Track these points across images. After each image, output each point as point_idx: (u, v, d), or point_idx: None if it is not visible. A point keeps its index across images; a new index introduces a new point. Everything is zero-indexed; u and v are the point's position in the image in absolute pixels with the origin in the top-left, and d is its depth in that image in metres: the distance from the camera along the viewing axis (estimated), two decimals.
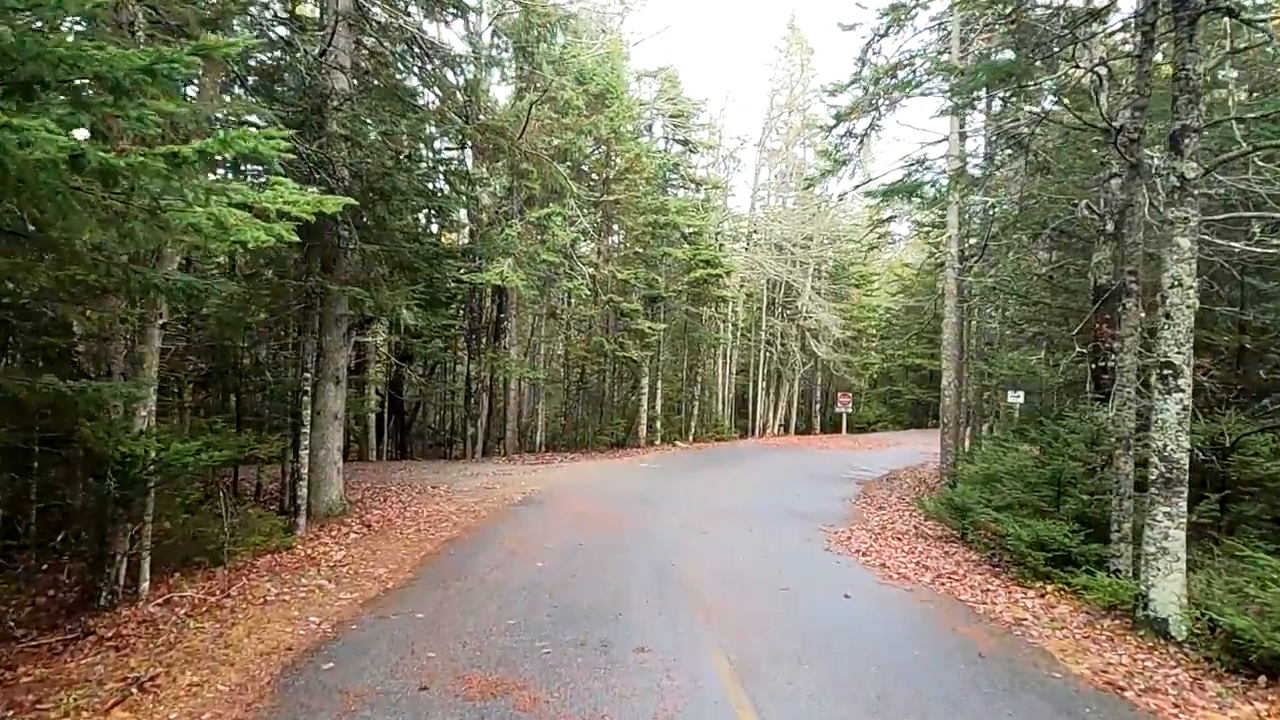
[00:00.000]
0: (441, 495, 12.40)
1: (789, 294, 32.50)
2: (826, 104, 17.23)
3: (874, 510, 12.71)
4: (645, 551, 8.37)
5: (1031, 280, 12.44)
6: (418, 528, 9.46)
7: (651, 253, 20.28)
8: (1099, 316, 10.00)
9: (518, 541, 8.59)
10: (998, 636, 5.93)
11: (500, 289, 20.46)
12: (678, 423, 27.39)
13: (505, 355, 19.61)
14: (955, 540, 10.21)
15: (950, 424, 14.04)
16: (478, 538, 8.84)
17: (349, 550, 8.10)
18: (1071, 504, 8.24)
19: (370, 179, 7.75)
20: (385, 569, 7.27)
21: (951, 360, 14.05)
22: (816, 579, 7.60)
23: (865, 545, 9.46)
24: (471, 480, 14.60)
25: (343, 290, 7.73)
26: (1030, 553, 7.74)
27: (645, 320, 20.10)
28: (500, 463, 18.75)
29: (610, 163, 19.54)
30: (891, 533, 10.56)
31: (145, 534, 6.47)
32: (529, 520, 10.08)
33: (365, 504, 11.33)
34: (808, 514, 11.67)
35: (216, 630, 5.21)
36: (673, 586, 6.90)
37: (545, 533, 9.21)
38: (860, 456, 22.22)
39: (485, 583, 6.76)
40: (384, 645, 5.05)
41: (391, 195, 7.75)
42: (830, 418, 36.76)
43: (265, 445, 8.08)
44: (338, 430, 10.37)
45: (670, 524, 10.13)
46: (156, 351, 6.44)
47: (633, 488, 13.74)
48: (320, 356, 10.24)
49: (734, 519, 10.83)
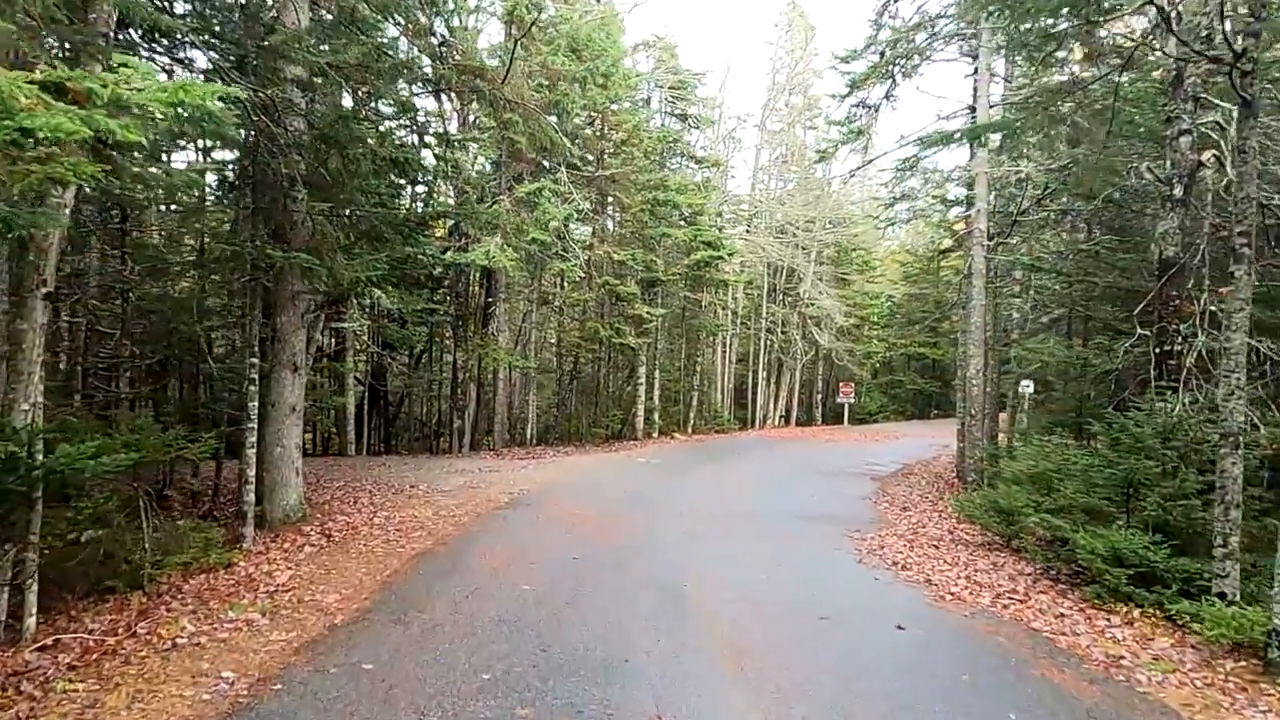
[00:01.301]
0: (420, 497, 11.12)
1: (790, 280, 31.23)
2: (839, 70, 15.88)
3: (898, 511, 11.51)
4: (650, 568, 7.12)
5: (1080, 257, 11.19)
6: (386, 538, 8.18)
7: (650, 233, 18.94)
8: (1164, 294, 8.77)
9: (500, 556, 7.32)
10: (1098, 684, 4.71)
11: (489, 272, 19.12)
12: (675, 414, 26.13)
13: (493, 343, 18.29)
14: (1000, 548, 9.01)
15: (978, 415, 12.84)
16: (454, 551, 7.56)
17: (299, 568, 6.81)
18: (1150, 510, 7.03)
19: (322, 124, 6.44)
20: (337, 595, 5.99)
21: (978, 346, 12.84)
22: (857, 602, 6.37)
23: (901, 556, 8.24)
24: (455, 478, 13.31)
25: (287, 257, 6.42)
26: (1107, 569, 6.54)
27: (643, 305, 18.79)
28: (488, 458, 17.46)
29: (605, 135, 18.16)
30: (926, 539, 9.35)
31: (30, 557, 5.17)
32: (515, 528, 8.81)
33: (331, 508, 10.03)
34: (827, 516, 10.46)
35: (90, 697, 3.92)
36: (688, 619, 5.66)
37: (533, 544, 7.95)
38: (869, 449, 21.03)
39: (457, 615, 5.49)
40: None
41: (348, 144, 6.45)
42: (831, 409, 35.59)
43: (199, 444, 6.76)
44: (296, 425, 9.06)
45: (676, 531, 8.88)
46: (40, 329, 5.11)
47: (631, 486, 12.49)
48: (274, 340, 8.91)
49: (747, 523, 9.60)
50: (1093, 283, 10.66)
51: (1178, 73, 8.57)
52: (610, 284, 17.57)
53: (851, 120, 15.95)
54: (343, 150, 6.40)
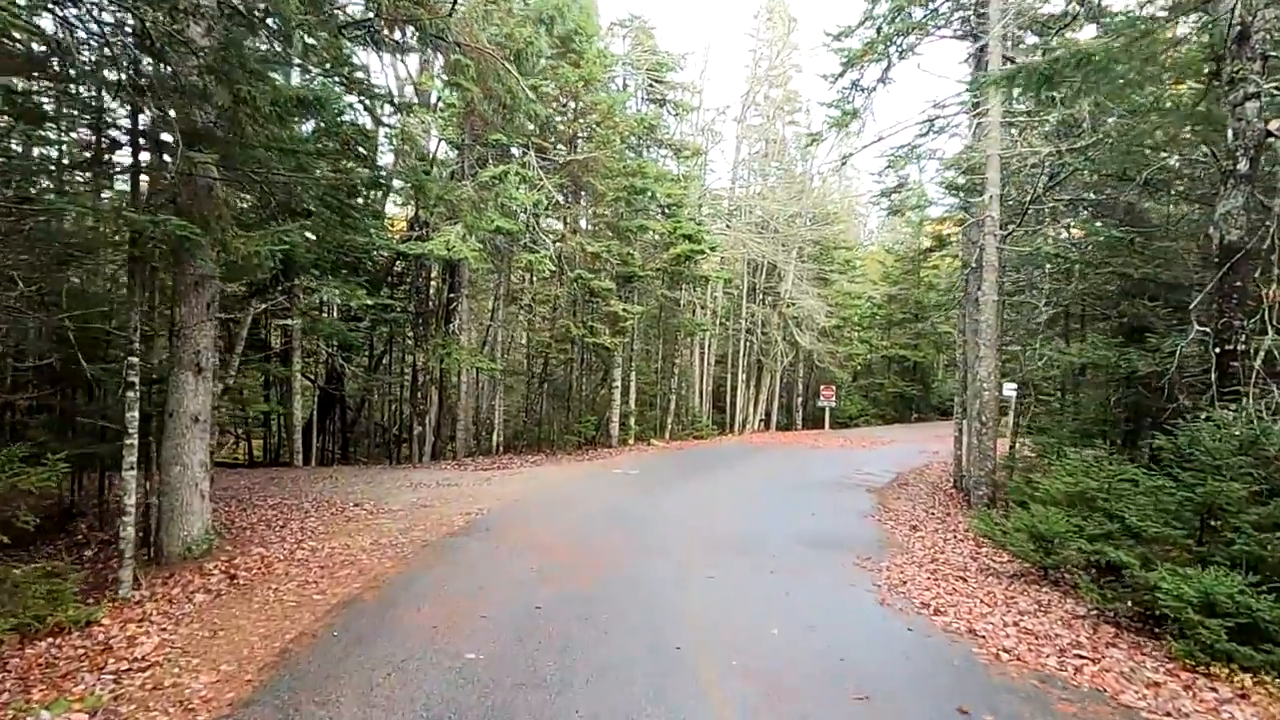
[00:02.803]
0: (360, 519, 9.56)
1: (771, 278, 30.04)
2: (832, 49, 14.64)
3: (906, 530, 10.23)
4: (632, 620, 5.69)
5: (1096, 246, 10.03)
6: (305, 578, 6.64)
7: (626, 224, 17.50)
8: (1226, 284, 7.58)
9: (443, 606, 5.84)
10: None
11: (452, 266, 17.57)
12: (652, 419, 24.73)
13: (455, 343, 16.71)
14: (1036, 579, 7.76)
15: (989, 423, 11.62)
16: (386, 598, 6.06)
17: (178, 629, 5.26)
18: (1239, 543, 5.79)
19: (210, 59, 4.93)
20: (212, 675, 4.47)
21: (990, 346, 11.62)
22: (895, 668, 5.01)
23: (930, 594, 6.92)
24: (407, 494, 11.76)
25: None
26: (1201, 620, 5.27)
27: (619, 301, 17.34)
28: (449, 468, 15.89)
29: (578, 117, 16.70)
30: (949, 568, 8.06)
31: None
32: (467, 563, 7.31)
33: (251, 535, 8.45)
34: (832, 540, 9.13)
35: None
36: (689, 705, 4.24)
37: (488, 585, 6.47)
38: (857, 457, 19.82)
39: (369, 709, 4.01)
40: None
41: (241, 80, 4.94)
42: (811, 412, 34.45)
43: (45, 469, 5.17)
44: (201, 438, 7.46)
45: (662, 564, 7.47)
46: None
47: (608, 503, 11.04)
48: (172, 336, 7.33)
49: (744, 552, 8.22)
50: (1126, 274, 9.47)
51: (1242, 27, 7.40)
52: (584, 278, 16.10)
53: (846, 100, 14.71)
54: (233, 86, 4.89)
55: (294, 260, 8.37)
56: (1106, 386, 11.26)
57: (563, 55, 16.08)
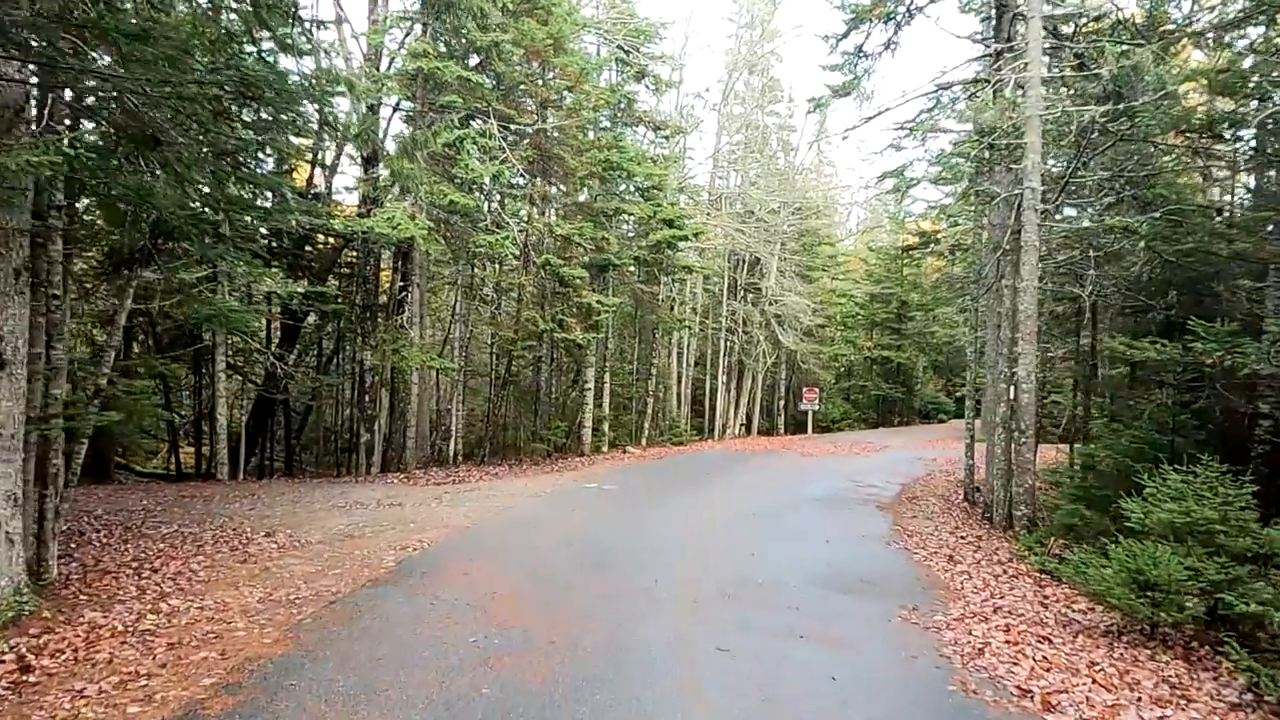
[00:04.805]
0: (263, 559, 7.45)
1: (753, 274, 28.29)
2: (835, 4, 12.86)
3: (944, 563, 8.42)
4: None
5: (1194, 218, 8.35)
6: (135, 669, 4.54)
7: (601, 205, 15.53)
8: None
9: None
10: None
11: (404, 253, 15.46)
12: (628, 424, 22.77)
13: (404, 338, 14.58)
14: (1141, 637, 5.96)
15: (1029, 430, 9.87)
16: (242, 712, 4.00)
17: None
18: None
19: None
20: None
21: (1030, 340, 9.88)
22: None
23: (1018, 668, 5.07)
24: (337, 518, 9.65)
25: None
26: None
27: (592, 293, 15.35)
28: (397, 482, 13.75)
29: (546, 83, 14.69)
30: (1023, 622, 6.24)
31: None
32: (382, 632, 5.26)
33: (101, 588, 6.30)
34: (861, 581, 7.28)
35: None
36: None
37: (406, 675, 4.45)
38: (853, 465, 18.07)
39: None
40: None
41: None
42: (794, 416, 32.77)
43: None
44: (5, 460, 5.31)
45: (654, 629, 5.51)
46: None
47: (579, 532, 9.05)
48: None
49: (759, 604, 6.30)
50: (1208, 252, 7.77)
51: None
52: (553, 264, 14.07)
53: (850, 65, 12.94)
54: None
55: (165, 222, 6.28)
56: (1164, 389, 9.60)
57: (529, 12, 14.07)
